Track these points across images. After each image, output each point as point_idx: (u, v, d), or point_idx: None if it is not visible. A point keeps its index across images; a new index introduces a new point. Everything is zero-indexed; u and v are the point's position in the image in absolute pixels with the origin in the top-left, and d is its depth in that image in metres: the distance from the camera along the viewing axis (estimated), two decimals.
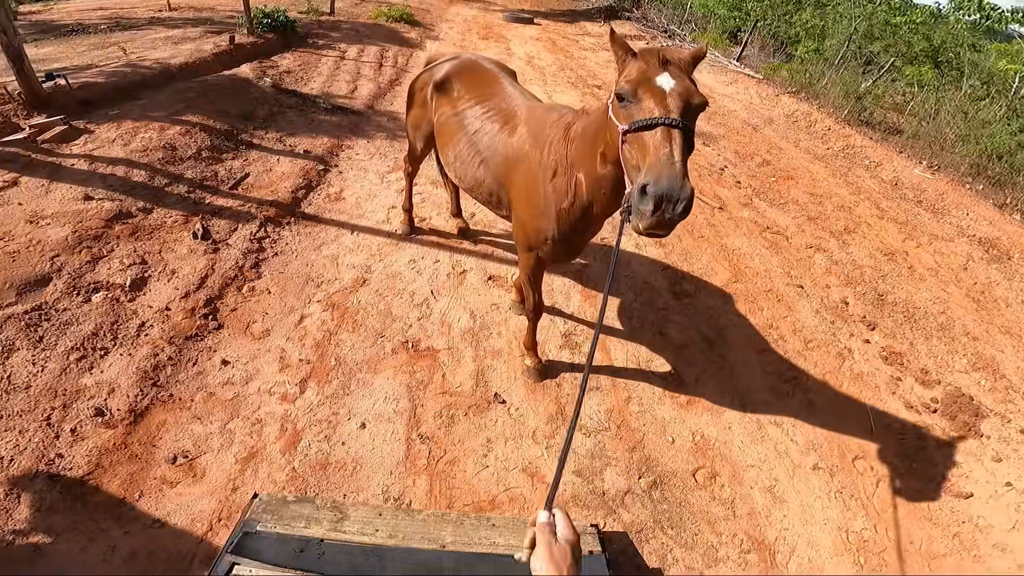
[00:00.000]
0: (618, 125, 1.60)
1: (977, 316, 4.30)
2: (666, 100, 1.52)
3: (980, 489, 2.92)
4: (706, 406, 3.06)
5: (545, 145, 2.28)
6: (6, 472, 2.19)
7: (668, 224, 1.44)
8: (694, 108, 1.56)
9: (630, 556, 2.35)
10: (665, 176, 1.38)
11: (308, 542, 1.92)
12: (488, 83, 2.84)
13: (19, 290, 2.84)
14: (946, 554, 2.62)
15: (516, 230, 2.60)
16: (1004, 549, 2.67)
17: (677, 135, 1.45)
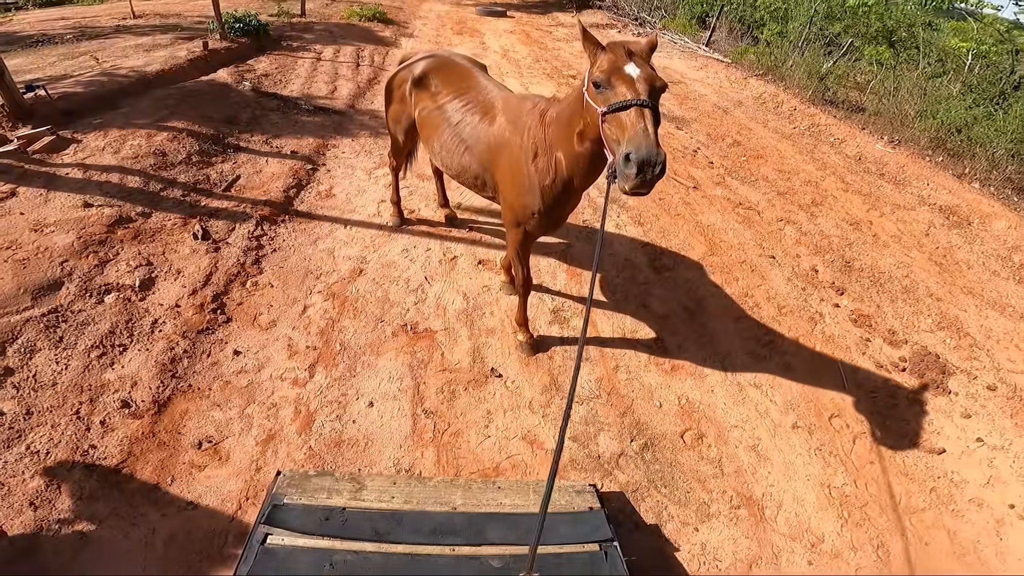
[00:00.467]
0: (597, 108, 1.90)
1: (940, 278, 4.60)
2: (635, 85, 1.84)
3: (952, 445, 3.13)
4: (689, 371, 3.29)
5: (524, 131, 2.54)
6: (44, 464, 2.32)
7: (649, 183, 1.76)
8: (657, 89, 1.90)
9: (628, 514, 2.53)
10: (644, 145, 1.72)
11: (331, 511, 2.08)
12: (464, 78, 3.08)
13: (34, 295, 2.97)
14: (925, 508, 2.79)
15: (504, 210, 2.84)
16: (980, 504, 2.83)
17: (648, 113, 1.79)
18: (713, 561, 2.42)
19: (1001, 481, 2.96)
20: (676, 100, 8.39)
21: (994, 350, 3.84)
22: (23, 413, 2.48)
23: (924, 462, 3.01)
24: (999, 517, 2.78)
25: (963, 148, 6.71)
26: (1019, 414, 3.34)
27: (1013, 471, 3.01)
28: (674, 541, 2.46)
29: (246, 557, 1.85)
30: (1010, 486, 2.94)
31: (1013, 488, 2.94)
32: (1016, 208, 5.76)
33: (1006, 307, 4.33)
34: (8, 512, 2.14)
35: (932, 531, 2.69)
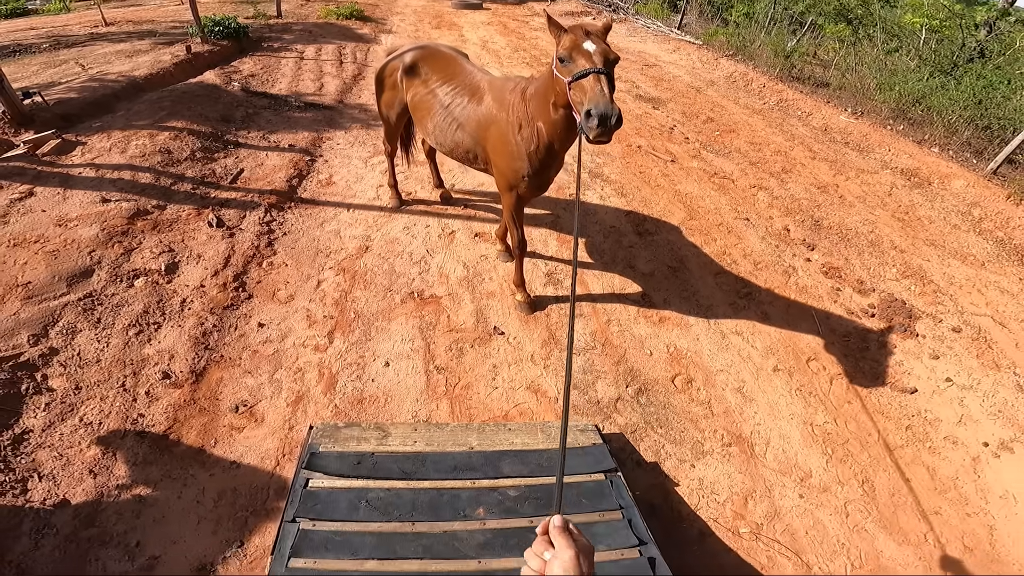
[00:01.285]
0: (564, 79, 2.29)
1: (903, 233, 4.97)
2: (592, 57, 2.24)
3: (923, 385, 3.35)
4: (676, 322, 3.61)
5: (509, 107, 2.90)
6: (98, 434, 2.54)
7: (609, 132, 2.13)
8: (611, 61, 2.28)
9: (629, 453, 2.77)
10: (601, 102, 2.11)
11: (362, 456, 2.33)
12: (451, 64, 3.40)
13: (68, 282, 3.20)
14: (903, 445, 2.99)
15: (497, 177, 3.17)
16: (955, 442, 3.03)
17: (603, 78, 2.18)
18: (711, 495, 2.63)
19: (973, 419, 3.18)
20: (652, 82, 8.72)
21: (957, 295, 4.17)
22: (72, 388, 2.71)
23: (898, 401, 3.24)
24: (975, 455, 2.97)
25: (922, 117, 7.11)
26: (985, 354, 3.63)
27: (983, 410, 3.24)
28: (673, 477, 2.69)
29: (292, 500, 2.08)
30: (982, 424, 3.15)
31: (985, 426, 3.14)
32: (974, 169, 6.15)
33: (967, 256, 4.70)
34: (69, 481, 2.33)
35: (912, 468, 2.89)
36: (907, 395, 3.29)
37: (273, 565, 1.84)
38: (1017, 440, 3.07)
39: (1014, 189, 5.53)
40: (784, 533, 2.53)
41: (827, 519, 2.60)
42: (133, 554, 2.14)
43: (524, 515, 2.14)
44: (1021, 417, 3.20)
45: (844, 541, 2.53)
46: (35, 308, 3.00)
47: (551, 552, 0.79)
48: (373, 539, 1.99)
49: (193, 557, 2.16)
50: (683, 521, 2.52)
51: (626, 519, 2.14)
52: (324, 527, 2.01)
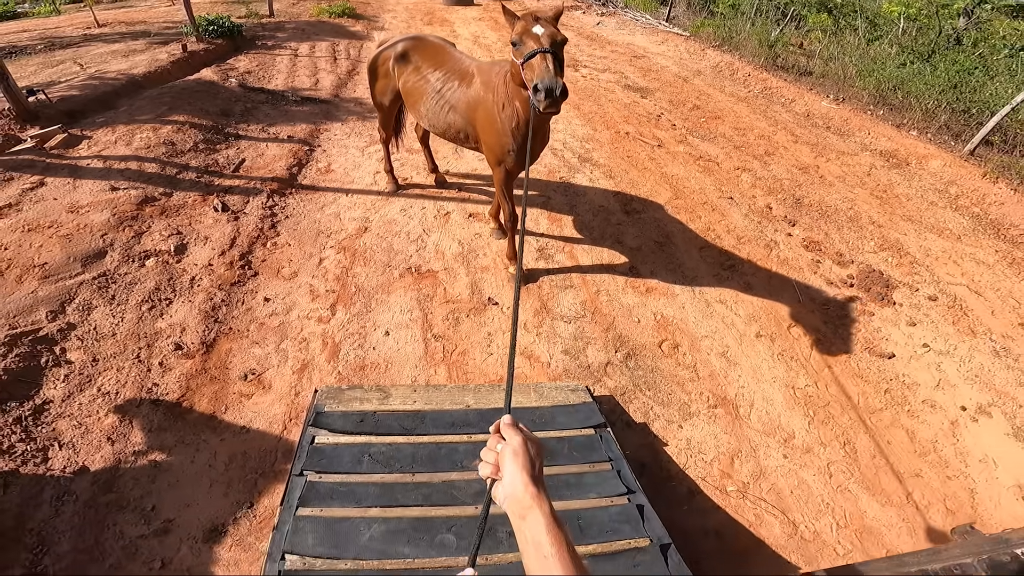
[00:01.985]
0: (517, 61, 2.55)
1: (881, 209, 5.16)
2: (540, 39, 2.49)
3: (900, 350, 3.48)
4: (662, 292, 3.79)
5: (493, 89, 3.15)
6: (115, 403, 2.68)
7: (555, 103, 2.38)
8: (558, 42, 2.53)
9: (619, 415, 2.90)
10: (545, 77, 2.36)
11: (364, 415, 2.47)
12: (441, 52, 3.65)
13: (83, 262, 3.37)
14: (882, 408, 3.09)
15: (486, 153, 3.43)
16: (933, 406, 3.13)
17: (549, 57, 2.42)
18: (698, 454, 2.75)
19: (950, 384, 3.29)
20: (640, 72, 8.91)
21: (933, 266, 4.35)
22: (90, 360, 2.87)
23: (876, 366, 3.37)
24: (953, 419, 3.07)
25: (901, 102, 7.31)
26: (961, 321, 3.78)
27: (960, 374, 3.35)
28: (662, 437, 2.81)
29: (299, 455, 2.22)
30: (959, 389, 3.26)
31: (962, 391, 3.25)
32: (951, 150, 6.34)
33: (944, 230, 4.90)
34: (88, 449, 2.46)
35: (892, 430, 2.99)
36: (885, 360, 3.43)
37: (282, 514, 1.97)
38: (994, 404, 3.17)
39: (990, 168, 5.73)
40: (770, 492, 2.63)
41: (811, 479, 2.70)
42: (149, 518, 2.25)
43: None
44: (998, 382, 3.32)
45: (828, 501, 2.62)
46: (52, 287, 3.17)
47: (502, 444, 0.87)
48: (376, 489, 2.13)
49: (206, 519, 2.28)
50: (672, 479, 2.63)
51: (615, 470, 2.27)
52: (330, 479, 2.15)
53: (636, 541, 1.97)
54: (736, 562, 2.33)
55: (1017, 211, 5.10)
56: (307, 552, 1.85)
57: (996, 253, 4.62)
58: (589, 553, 1.93)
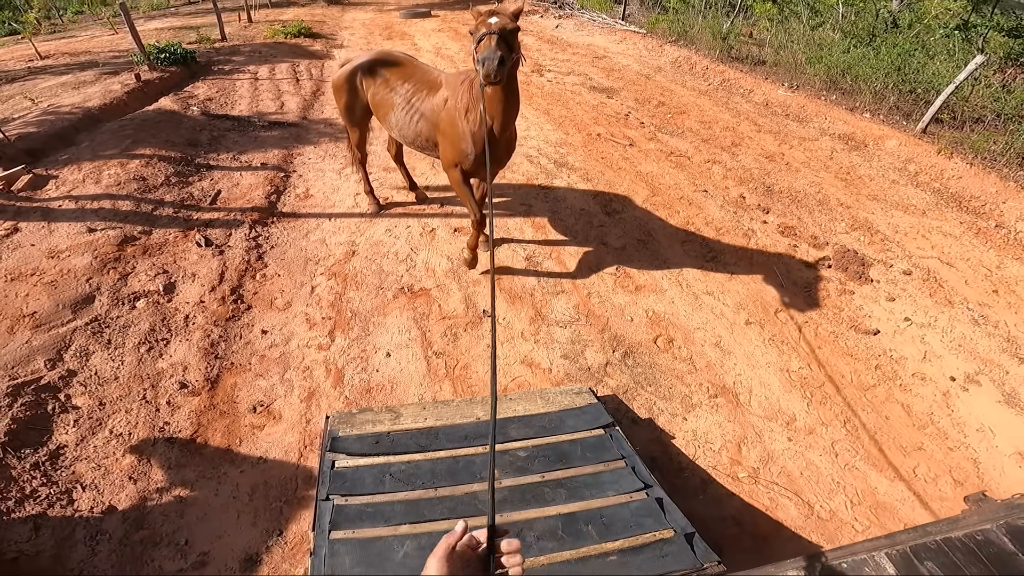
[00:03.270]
0: (473, 51, 2.72)
1: (847, 191, 5.40)
2: (490, 26, 2.66)
3: (884, 326, 3.61)
4: (651, 289, 3.90)
5: (458, 96, 3.26)
6: (130, 443, 2.68)
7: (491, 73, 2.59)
8: (508, 29, 2.69)
9: (624, 412, 2.97)
10: (486, 51, 2.59)
11: (379, 436, 2.52)
12: (407, 65, 3.77)
13: (72, 309, 3.30)
14: (875, 385, 3.17)
15: (442, 155, 3.54)
16: (924, 378, 3.22)
17: (493, 37, 2.61)
18: (705, 444, 2.82)
19: (936, 355, 3.41)
20: (603, 73, 9.09)
21: (904, 241, 4.56)
22: (96, 404, 2.84)
23: (864, 343, 3.49)
24: (944, 390, 3.17)
25: (851, 86, 7.64)
26: (937, 292, 3.96)
27: (944, 345, 3.49)
28: (669, 431, 2.88)
29: (322, 481, 2.25)
30: (945, 359, 3.38)
31: (949, 361, 3.37)
32: (905, 129, 6.65)
33: (908, 206, 5.15)
34: (112, 489, 2.47)
35: (887, 405, 3.07)
36: (871, 337, 3.57)
37: (316, 539, 2.00)
38: (981, 373, 3.31)
39: (943, 144, 6.04)
40: (781, 475, 2.69)
41: (818, 459, 2.78)
42: (184, 552, 2.27)
43: (535, 472, 2.34)
44: (981, 350, 3.46)
45: (838, 479, 2.68)
46: (46, 335, 3.11)
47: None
48: (402, 507, 2.17)
49: (239, 549, 2.30)
50: (684, 471, 2.69)
51: (629, 466, 2.34)
52: (356, 501, 2.19)
53: (661, 533, 2.04)
54: (758, 546, 2.41)
55: (975, 183, 5.38)
56: (346, 573, 1.89)
57: (961, 225, 4.87)
58: (617, 548, 1.99)
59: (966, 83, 6.38)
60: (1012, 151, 5.65)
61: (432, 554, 0.74)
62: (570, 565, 1.94)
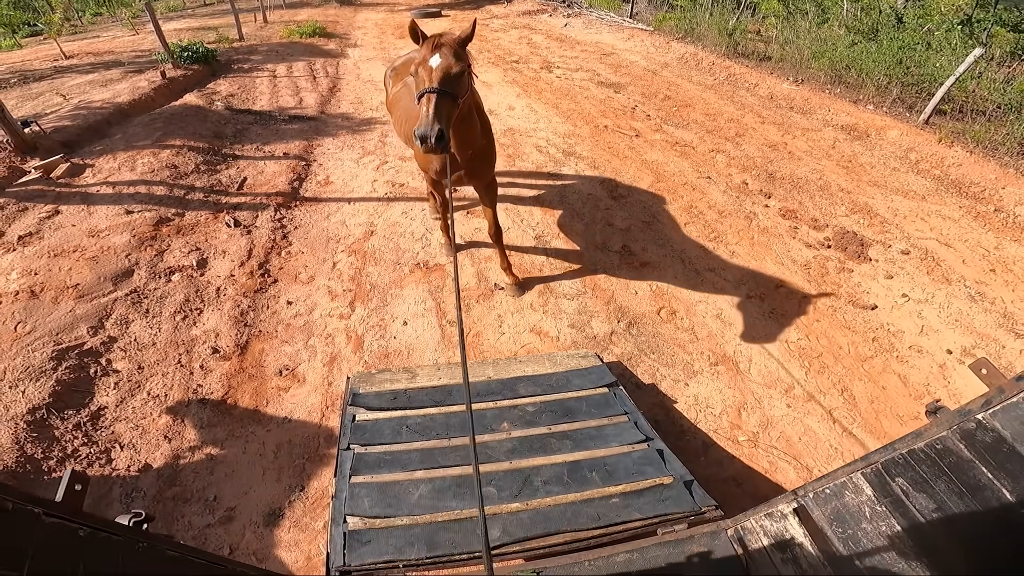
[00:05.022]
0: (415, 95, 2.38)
1: (848, 178, 5.53)
2: (432, 75, 2.28)
3: (882, 301, 3.72)
4: (655, 265, 4.07)
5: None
6: (166, 404, 2.89)
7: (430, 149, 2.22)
8: (453, 76, 2.29)
9: (628, 378, 3.13)
10: (421, 124, 2.21)
11: (397, 392, 2.73)
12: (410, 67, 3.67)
13: (113, 281, 3.57)
14: (872, 356, 3.26)
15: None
16: (920, 351, 3.31)
17: (432, 99, 2.22)
18: (707, 409, 2.94)
19: (933, 330, 3.50)
20: (611, 69, 9.29)
21: (903, 224, 4.69)
22: (136, 368, 3.09)
23: (862, 317, 3.60)
24: (941, 362, 3.25)
25: (855, 79, 7.76)
26: (934, 271, 4.07)
27: (942, 320, 3.58)
28: (671, 396, 3.02)
29: (344, 432, 2.46)
30: (943, 334, 3.46)
31: (946, 335, 3.44)
32: (907, 120, 6.75)
33: (908, 192, 5.28)
34: (148, 448, 2.67)
35: (885, 376, 3.15)
36: (869, 311, 3.68)
37: (337, 484, 2.20)
38: (978, 347, 3.36)
39: (944, 134, 6.15)
40: (780, 440, 2.79)
41: (816, 426, 2.87)
42: (212, 507, 2.43)
43: (543, 424, 2.53)
44: (978, 325, 3.55)
45: (836, 445, 2.75)
46: (88, 305, 3.37)
47: None
48: (418, 455, 2.36)
49: (263, 504, 2.47)
50: (686, 434, 2.81)
51: (632, 421, 2.52)
52: (375, 450, 2.39)
53: (661, 479, 2.19)
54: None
55: (975, 170, 5.49)
56: (365, 513, 2.07)
57: (960, 209, 4.99)
58: (619, 492, 2.15)
59: (968, 75, 6.48)
60: (1012, 140, 5.75)
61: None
62: (575, 506, 2.10)
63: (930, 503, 1.39)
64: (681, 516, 2.05)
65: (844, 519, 1.62)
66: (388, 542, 1.96)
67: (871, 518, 1.55)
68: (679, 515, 2.05)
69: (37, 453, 2.53)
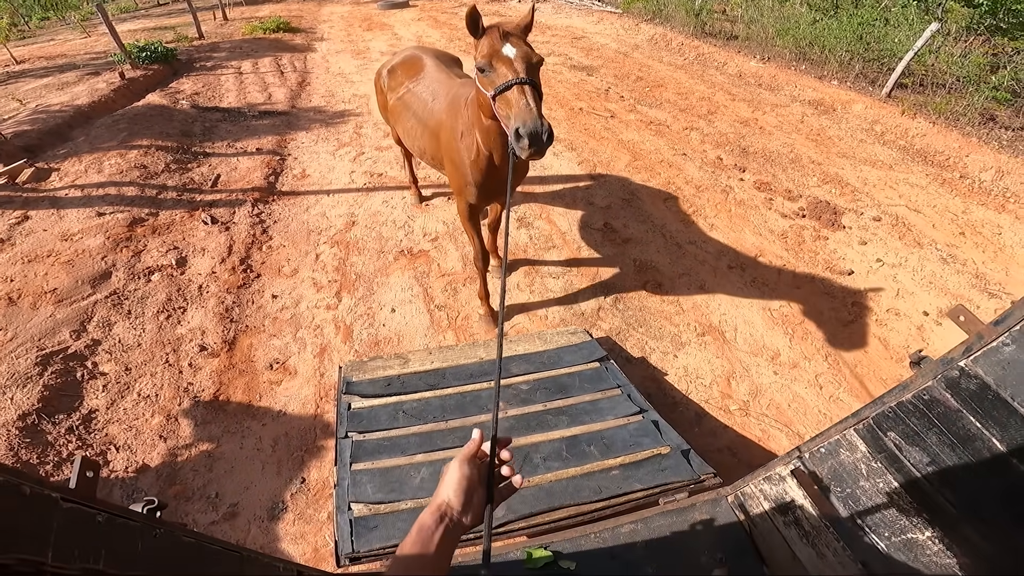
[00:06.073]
0: (486, 92, 2.07)
1: (817, 150, 5.67)
2: (514, 65, 1.99)
3: (857, 267, 3.81)
4: (637, 241, 4.13)
5: (456, 113, 2.74)
6: (158, 404, 2.85)
7: (541, 150, 1.96)
8: (534, 66, 2.05)
9: (618, 352, 3.16)
10: (529, 120, 1.89)
11: (390, 379, 2.72)
12: (418, 69, 3.41)
13: (91, 284, 3.48)
14: (852, 320, 3.32)
15: (450, 181, 3.06)
16: (898, 314, 3.38)
17: (528, 89, 1.95)
18: (696, 379, 2.98)
19: (908, 292, 3.60)
20: (582, 52, 9.32)
21: (872, 192, 4.83)
22: (123, 370, 3.02)
23: (839, 282, 3.68)
24: (918, 324, 3.33)
25: (819, 56, 7.94)
26: (906, 236, 4.20)
27: (916, 282, 3.68)
28: (661, 368, 3.05)
29: (341, 421, 2.44)
30: (918, 296, 3.56)
31: (921, 297, 3.55)
32: (870, 95, 6.94)
33: (876, 162, 5.44)
34: (144, 448, 2.63)
35: (865, 339, 3.20)
36: (846, 276, 3.78)
37: (339, 472, 2.19)
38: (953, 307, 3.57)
39: (907, 106, 6.34)
40: (770, 407, 2.83)
41: (804, 392, 2.92)
42: (215, 504, 2.41)
43: (538, 402, 2.56)
44: (951, 286, 3.67)
45: (825, 411, 2.79)
46: (68, 309, 3.29)
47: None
48: (416, 439, 2.36)
49: (266, 498, 2.45)
50: (679, 406, 2.84)
51: (625, 394, 2.55)
52: (373, 436, 2.38)
53: (658, 449, 2.23)
54: None
55: (939, 140, 5.68)
56: (369, 499, 2.07)
57: (927, 176, 5.16)
58: (618, 464, 2.18)
59: (926, 50, 6.67)
60: (972, 110, 5.96)
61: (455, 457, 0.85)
62: (576, 480, 2.13)
63: (924, 456, 1.38)
64: (681, 485, 2.08)
65: (842, 477, 1.62)
66: (395, 526, 1.97)
67: (868, 475, 1.54)
68: (679, 484, 2.09)
69: (32, 458, 2.48)
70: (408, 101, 3.34)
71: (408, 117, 3.32)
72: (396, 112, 3.47)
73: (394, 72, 3.60)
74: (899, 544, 1.46)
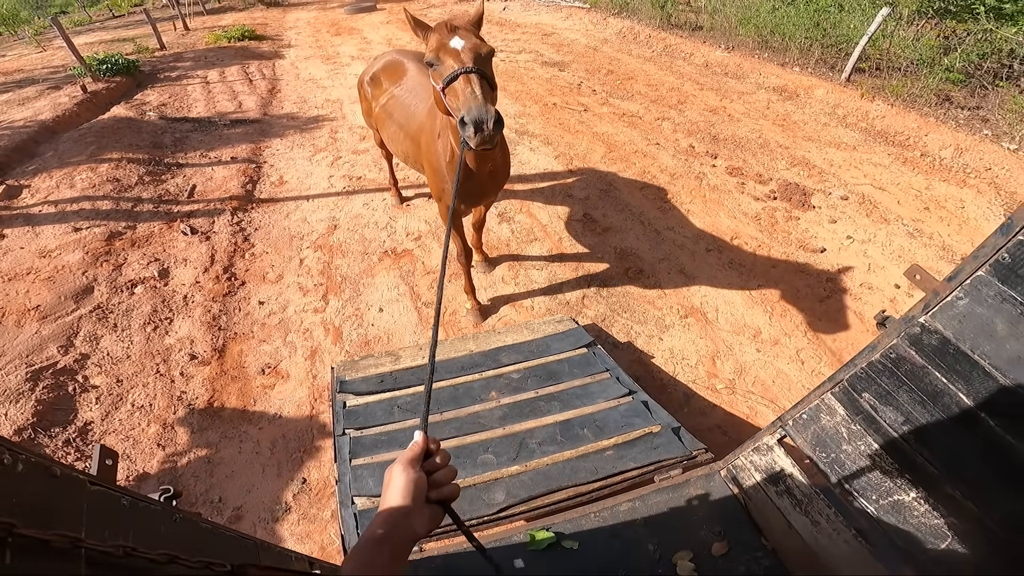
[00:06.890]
0: (436, 86, 2.03)
1: (784, 135, 5.85)
2: (460, 55, 1.95)
3: (829, 244, 3.93)
4: (616, 230, 4.22)
5: (435, 115, 2.69)
6: (153, 414, 2.85)
7: (489, 139, 1.88)
8: (484, 56, 2.00)
9: (605, 338, 3.22)
10: (472, 105, 1.84)
11: (383, 376, 2.75)
12: (400, 74, 3.40)
13: (74, 299, 3.45)
14: (828, 295, 3.42)
15: (429, 185, 3.03)
16: (871, 288, 3.48)
17: (474, 77, 1.90)
18: (682, 360, 3.05)
19: (879, 267, 3.71)
20: (553, 48, 9.43)
21: (839, 173, 5.00)
22: (114, 382, 3.02)
23: (813, 260, 3.80)
24: (891, 296, 3.43)
25: (780, 44, 8.15)
26: (873, 213, 4.34)
27: (885, 256, 3.80)
28: (647, 351, 3.12)
29: (337, 420, 2.49)
30: (888, 270, 3.66)
31: (891, 271, 3.64)
32: (831, 79, 7.14)
33: (840, 144, 5.63)
34: (143, 457, 2.64)
35: (841, 314, 3.30)
36: (819, 254, 3.90)
37: (339, 468, 2.23)
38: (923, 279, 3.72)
39: (865, 89, 6.56)
40: (755, 384, 2.90)
41: (787, 368, 2.99)
42: (219, 508, 2.42)
43: (529, 389, 2.62)
44: (920, 259, 3.78)
45: (808, 385, 2.81)
46: (53, 325, 3.26)
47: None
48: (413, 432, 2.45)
49: (269, 500, 2.47)
50: (667, 387, 2.91)
51: (613, 377, 2.63)
52: (370, 432, 2.43)
53: (650, 428, 2.29)
54: None
55: (898, 121, 5.89)
56: (371, 493, 2.11)
57: (889, 156, 5.36)
58: (612, 444, 2.25)
59: (879, 34, 6.91)
60: (928, 92, 6.20)
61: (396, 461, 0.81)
62: (572, 462, 2.19)
63: (898, 415, 1.42)
64: (675, 461, 2.14)
65: (825, 443, 1.64)
66: None
67: (849, 438, 1.57)
68: (673, 460, 2.14)
69: None
70: (391, 108, 3.33)
71: (391, 123, 3.31)
72: (380, 119, 3.46)
73: (376, 79, 3.60)
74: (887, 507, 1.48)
